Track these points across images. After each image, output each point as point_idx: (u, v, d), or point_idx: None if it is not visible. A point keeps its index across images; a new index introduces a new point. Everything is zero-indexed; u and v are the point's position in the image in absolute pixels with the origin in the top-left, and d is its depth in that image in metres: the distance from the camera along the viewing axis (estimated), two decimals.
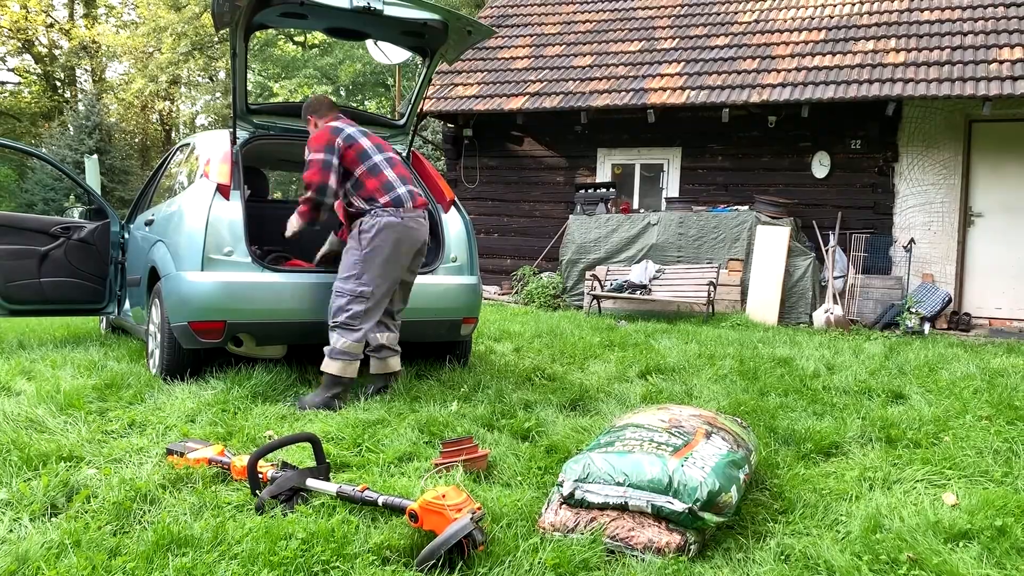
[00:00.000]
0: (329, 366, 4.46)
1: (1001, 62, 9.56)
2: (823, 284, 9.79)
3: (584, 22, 13.31)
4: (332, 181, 4.51)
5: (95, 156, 14.45)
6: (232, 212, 4.79)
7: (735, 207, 10.43)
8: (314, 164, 4.51)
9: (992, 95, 9.11)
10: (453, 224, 5.48)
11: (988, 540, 2.57)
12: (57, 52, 31.58)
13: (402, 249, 4.59)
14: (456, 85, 12.20)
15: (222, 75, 31.34)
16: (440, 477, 3.14)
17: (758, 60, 11.00)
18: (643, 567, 2.42)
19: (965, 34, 10.36)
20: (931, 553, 2.47)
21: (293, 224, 4.74)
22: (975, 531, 2.63)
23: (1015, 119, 9.89)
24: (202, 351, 4.86)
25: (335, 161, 4.53)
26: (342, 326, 4.48)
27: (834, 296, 9.54)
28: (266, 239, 5.57)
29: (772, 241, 9.65)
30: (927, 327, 9.09)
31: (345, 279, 4.52)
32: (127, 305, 6.37)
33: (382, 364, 4.73)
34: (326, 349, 4.50)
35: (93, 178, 9.99)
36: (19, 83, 31.62)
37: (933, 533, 2.61)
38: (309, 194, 4.55)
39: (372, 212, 4.55)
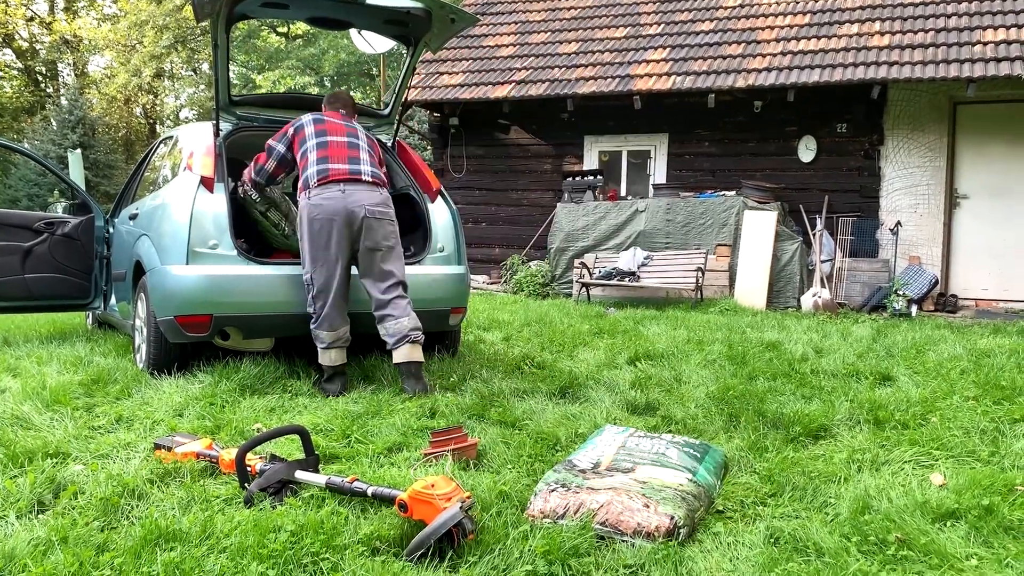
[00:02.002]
0: (322, 356, 4.63)
1: (985, 44, 9.58)
2: (810, 268, 9.82)
3: (569, 8, 13.26)
4: (270, 166, 4.85)
5: (78, 151, 14.32)
6: (216, 205, 4.76)
7: (722, 192, 10.44)
8: (266, 148, 4.86)
9: (976, 77, 9.13)
10: (440, 214, 5.46)
11: (975, 519, 2.58)
12: (38, 46, 31.26)
13: (317, 229, 4.52)
14: (441, 74, 12.14)
15: (205, 67, 31.09)
16: (430, 467, 3.13)
17: (743, 45, 11.00)
18: (633, 552, 2.43)
19: (949, 16, 10.37)
20: (919, 533, 2.48)
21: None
22: (963, 511, 2.64)
23: (999, 100, 9.92)
24: (189, 345, 4.84)
25: (281, 149, 4.81)
26: (311, 319, 4.64)
27: (822, 280, 9.57)
28: (251, 232, 5.54)
29: (759, 226, 9.67)
30: (914, 309, 9.13)
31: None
32: (113, 300, 6.33)
33: (395, 355, 4.59)
34: (317, 342, 4.67)
35: (77, 173, 9.90)
36: (0, 77, 31.29)
37: (921, 513, 2.62)
38: (251, 171, 4.93)
39: (299, 197, 4.71)
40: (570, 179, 11.24)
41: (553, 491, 2.73)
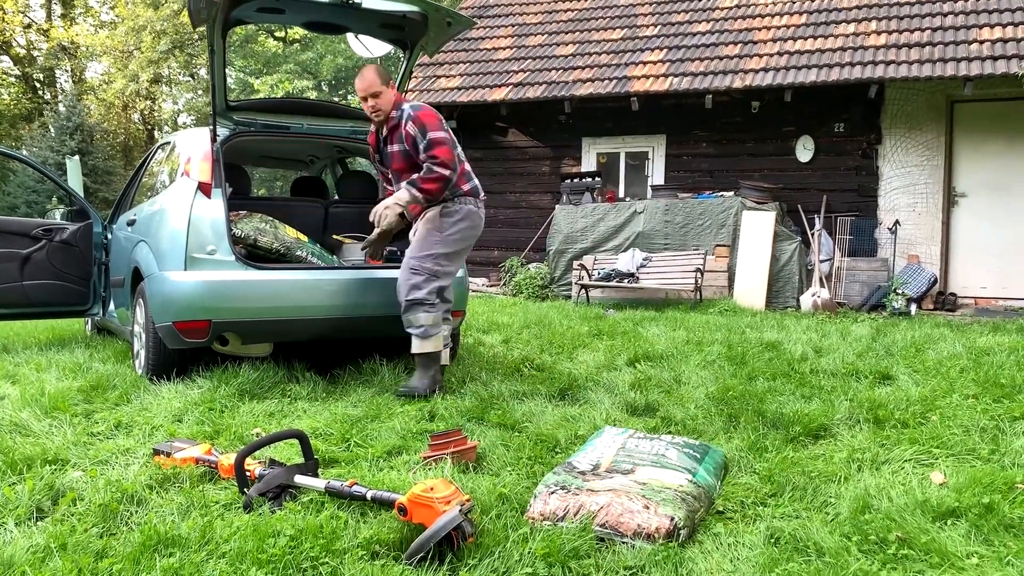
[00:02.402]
0: (424, 345, 4.48)
1: (981, 42, 9.59)
2: (809, 268, 9.82)
3: (566, 11, 13.29)
4: (456, 159, 4.57)
5: (77, 157, 14.31)
6: (214, 210, 4.75)
7: (720, 193, 10.45)
8: (443, 143, 4.47)
9: (973, 75, 9.14)
10: None
11: (976, 517, 2.58)
12: (36, 53, 31.28)
13: (471, 239, 4.70)
14: (439, 77, 12.15)
15: (203, 72, 31.12)
16: (429, 470, 3.13)
17: (740, 45, 11.01)
18: (633, 554, 2.42)
19: (945, 15, 10.40)
20: (920, 532, 2.48)
21: (404, 198, 4.49)
22: (963, 509, 2.63)
23: (996, 99, 9.93)
24: (188, 350, 4.83)
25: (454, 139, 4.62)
26: (422, 303, 4.49)
27: (821, 279, 9.58)
28: None
29: (758, 226, 9.67)
30: (913, 308, 9.13)
31: (423, 257, 4.52)
32: (112, 306, 6.33)
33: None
34: (413, 329, 4.49)
35: (75, 179, 9.88)
36: None
37: (921, 512, 2.62)
38: (444, 171, 4.45)
39: (455, 199, 4.61)
40: (568, 181, 11.24)
41: (553, 493, 2.72)
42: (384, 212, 4.53)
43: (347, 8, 4.73)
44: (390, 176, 4.83)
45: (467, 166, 4.70)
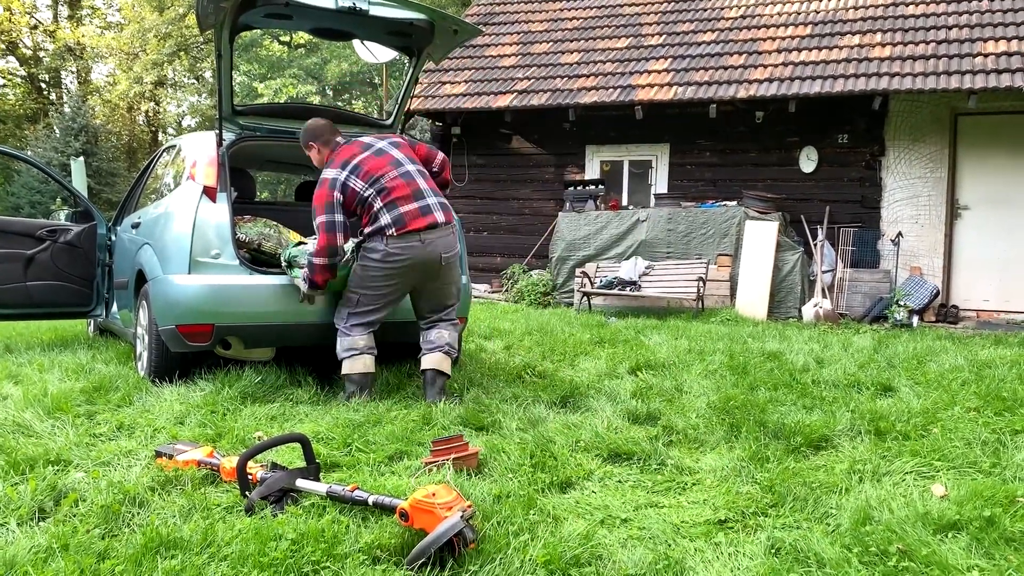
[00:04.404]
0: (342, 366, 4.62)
1: (986, 55, 9.61)
2: (812, 278, 9.82)
3: (571, 19, 13.32)
4: (339, 240, 4.48)
5: (81, 158, 14.38)
6: (219, 214, 4.77)
7: (723, 203, 10.46)
8: (321, 228, 4.43)
9: (977, 88, 9.15)
10: None
11: (977, 531, 2.58)
12: (42, 54, 31.38)
13: (393, 275, 4.52)
14: (444, 84, 12.18)
15: (208, 76, 31.21)
16: (430, 475, 3.13)
17: (745, 56, 11.03)
18: (634, 562, 2.42)
19: (950, 27, 10.41)
20: (920, 544, 2.48)
21: (305, 288, 4.65)
22: (964, 522, 2.64)
23: (1000, 112, 9.94)
24: (190, 353, 4.84)
25: (339, 219, 4.47)
26: (340, 332, 4.64)
27: (823, 290, 9.58)
28: None
29: (761, 236, 9.68)
30: (915, 320, 9.13)
31: (343, 300, 4.68)
32: (115, 308, 6.34)
33: (425, 360, 4.68)
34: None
35: (79, 180, 9.93)
36: (3, 85, 31.40)
37: (922, 524, 2.62)
38: (323, 260, 4.47)
39: (367, 238, 4.53)
40: (572, 188, 11.26)
41: None
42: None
43: (354, 15, 4.75)
44: None
45: (377, 205, 4.46)
